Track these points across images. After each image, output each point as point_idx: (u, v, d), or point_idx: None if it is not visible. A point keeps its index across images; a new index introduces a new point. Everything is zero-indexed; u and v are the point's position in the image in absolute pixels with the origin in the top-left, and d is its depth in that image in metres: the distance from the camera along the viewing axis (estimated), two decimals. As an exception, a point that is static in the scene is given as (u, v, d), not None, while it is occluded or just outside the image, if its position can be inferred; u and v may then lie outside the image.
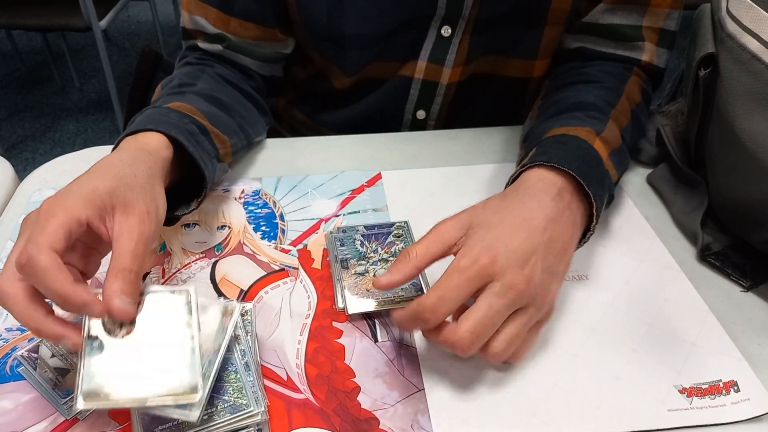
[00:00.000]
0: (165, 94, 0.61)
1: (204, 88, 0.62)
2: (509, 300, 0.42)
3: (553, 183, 0.49)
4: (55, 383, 0.43)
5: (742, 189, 0.53)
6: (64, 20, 1.87)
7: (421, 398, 0.44)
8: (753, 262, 0.55)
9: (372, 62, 0.69)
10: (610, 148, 0.56)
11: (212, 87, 0.64)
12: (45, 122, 2.34)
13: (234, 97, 0.66)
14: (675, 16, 0.65)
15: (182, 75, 0.64)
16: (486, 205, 0.47)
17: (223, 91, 0.64)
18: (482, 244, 0.43)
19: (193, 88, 0.62)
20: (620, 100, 0.61)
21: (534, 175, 0.50)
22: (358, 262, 0.52)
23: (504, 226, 0.44)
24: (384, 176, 0.65)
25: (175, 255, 0.55)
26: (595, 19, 0.66)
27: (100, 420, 0.42)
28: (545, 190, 0.48)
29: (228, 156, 0.61)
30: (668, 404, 0.44)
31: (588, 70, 0.66)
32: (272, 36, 0.68)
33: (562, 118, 0.58)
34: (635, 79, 0.66)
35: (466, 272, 0.42)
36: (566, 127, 0.56)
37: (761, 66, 0.47)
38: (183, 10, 0.67)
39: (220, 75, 0.66)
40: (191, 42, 0.68)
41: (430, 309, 0.41)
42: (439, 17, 0.64)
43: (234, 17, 0.65)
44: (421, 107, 0.74)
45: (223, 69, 0.67)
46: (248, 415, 0.40)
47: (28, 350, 0.45)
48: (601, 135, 0.55)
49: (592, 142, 0.54)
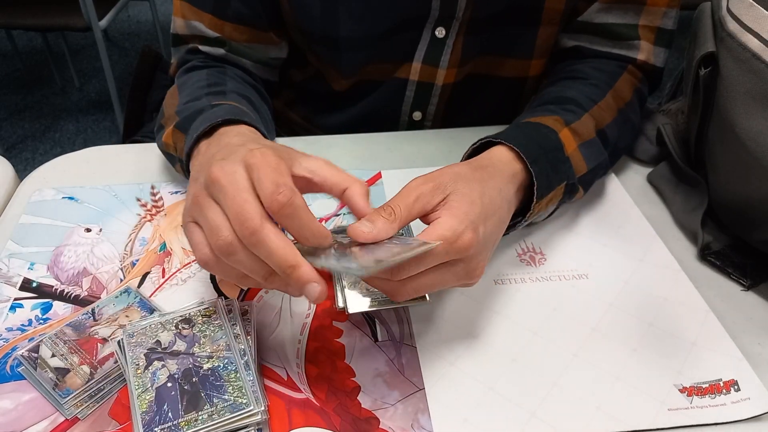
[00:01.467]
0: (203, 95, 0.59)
1: (233, 88, 0.62)
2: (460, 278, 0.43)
3: (516, 166, 0.50)
4: (55, 383, 0.43)
5: (743, 188, 0.53)
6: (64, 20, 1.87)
7: (422, 398, 0.44)
8: (753, 262, 0.55)
9: (368, 64, 0.69)
10: (581, 139, 0.56)
11: (239, 87, 0.63)
12: (45, 122, 2.34)
13: (257, 96, 0.65)
14: (672, 15, 0.65)
15: (209, 77, 0.63)
16: (460, 173, 0.46)
17: (248, 91, 0.64)
18: (468, 222, 0.42)
19: (223, 87, 0.61)
20: (605, 97, 0.61)
21: (499, 154, 0.51)
22: None
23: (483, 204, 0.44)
24: (384, 176, 0.65)
25: (175, 255, 0.55)
26: (591, 18, 0.66)
27: (100, 420, 0.42)
28: (512, 174, 0.50)
29: None
30: (668, 403, 0.44)
31: (579, 67, 0.66)
32: (266, 39, 0.68)
33: (535, 110, 0.59)
34: (628, 77, 0.65)
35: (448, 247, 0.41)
36: (535, 117, 0.57)
37: (761, 65, 0.47)
38: (175, 16, 0.66)
39: (238, 76, 0.66)
40: (190, 46, 0.67)
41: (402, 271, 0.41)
42: (432, 18, 0.64)
43: (228, 21, 0.64)
44: (417, 109, 0.74)
45: (230, 71, 0.67)
46: (248, 414, 0.40)
47: (29, 350, 0.45)
48: (571, 126, 0.56)
49: (557, 130, 0.55)
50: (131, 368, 0.43)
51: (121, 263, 0.54)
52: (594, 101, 0.60)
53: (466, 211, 0.42)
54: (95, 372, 0.44)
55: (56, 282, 0.52)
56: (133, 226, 0.58)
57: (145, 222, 0.59)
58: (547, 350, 0.48)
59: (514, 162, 0.50)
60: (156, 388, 0.41)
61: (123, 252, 0.55)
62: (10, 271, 0.53)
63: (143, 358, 0.43)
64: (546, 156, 0.52)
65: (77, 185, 0.63)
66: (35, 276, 0.53)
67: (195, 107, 0.55)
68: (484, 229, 0.43)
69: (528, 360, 0.47)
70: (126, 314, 0.49)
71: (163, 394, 0.41)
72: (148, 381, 0.42)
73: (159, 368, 0.43)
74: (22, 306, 0.50)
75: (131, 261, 0.54)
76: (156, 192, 0.62)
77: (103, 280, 0.52)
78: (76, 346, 0.46)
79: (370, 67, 0.69)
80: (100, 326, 0.47)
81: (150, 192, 0.62)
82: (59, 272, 0.53)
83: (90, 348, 0.46)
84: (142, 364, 0.43)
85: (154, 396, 0.41)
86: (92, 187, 0.63)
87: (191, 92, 0.60)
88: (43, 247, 0.55)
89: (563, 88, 0.63)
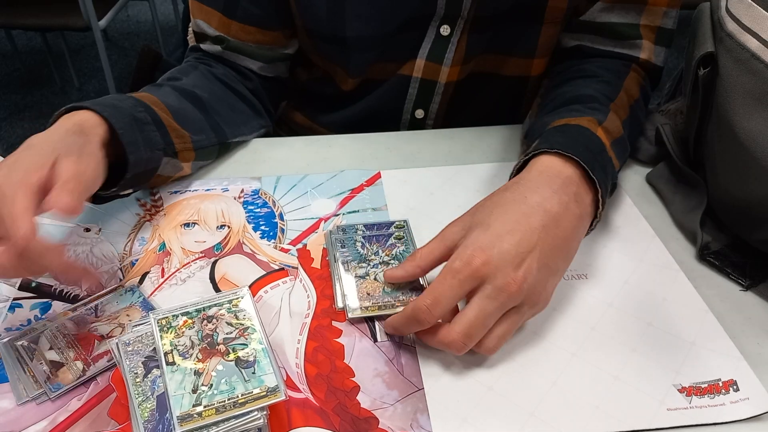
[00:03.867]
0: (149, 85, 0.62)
1: (186, 84, 0.63)
2: (500, 302, 0.42)
3: (559, 173, 0.48)
4: (47, 376, 0.43)
5: (742, 188, 0.53)
6: (63, 20, 1.87)
7: (421, 397, 0.44)
8: (752, 261, 0.55)
9: (374, 63, 0.69)
10: (612, 137, 0.56)
11: (197, 84, 0.64)
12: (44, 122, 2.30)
13: (219, 95, 0.66)
14: (672, 15, 0.65)
15: (175, 71, 0.66)
16: (485, 203, 0.47)
17: (207, 89, 0.65)
18: (476, 245, 0.43)
19: (175, 83, 0.63)
20: (619, 94, 0.61)
21: (538, 165, 0.49)
22: (358, 265, 0.52)
23: (500, 225, 0.44)
24: (383, 175, 0.65)
25: (174, 254, 0.55)
26: (593, 17, 0.66)
27: (99, 420, 0.42)
28: (549, 182, 0.48)
29: (188, 152, 0.61)
30: (667, 403, 0.44)
31: (586, 66, 0.66)
32: (274, 39, 0.68)
33: (561, 112, 0.58)
34: (634, 75, 0.66)
35: (458, 274, 0.42)
36: (567, 118, 0.56)
37: (761, 65, 0.47)
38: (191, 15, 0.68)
39: (213, 73, 0.67)
40: (193, 44, 0.69)
41: (425, 310, 0.42)
42: (438, 16, 0.64)
43: (235, 21, 0.65)
44: (419, 106, 0.74)
45: (219, 68, 0.68)
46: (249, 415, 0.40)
47: (28, 340, 0.45)
48: (603, 124, 0.55)
49: (594, 130, 0.54)
50: (130, 376, 0.42)
51: (121, 263, 0.54)
52: (611, 99, 0.60)
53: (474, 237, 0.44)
54: (87, 369, 0.44)
55: (55, 282, 0.52)
56: (133, 226, 0.58)
57: (144, 222, 0.59)
58: (547, 350, 0.48)
59: (557, 167, 0.49)
60: (157, 397, 0.41)
61: (122, 252, 0.55)
62: (9, 271, 0.53)
63: (141, 366, 0.43)
64: (596, 159, 0.50)
65: (77, 185, 0.63)
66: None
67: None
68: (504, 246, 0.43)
69: (527, 360, 0.47)
70: (127, 313, 0.49)
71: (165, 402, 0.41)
72: (148, 389, 0.42)
73: (159, 376, 0.42)
74: (21, 306, 0.50)
75: (130, 261, 0.54)
76: (155, 192, 0.62)
77: (103, 280, 0.52)
78: (75, 340, 0.46)
79: (376, 66, 0.69)
80: (101, 323, 0.47)
81: (149, 192, 0.62)
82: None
83: (87, 344, 0.46)
84: (140, 372, 0.43)
85: (155, 404, 0.41)
86: (92, 187, 0.63)
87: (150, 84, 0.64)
88: (43, 247, 0.55)
89: (579, 86, 0.62)
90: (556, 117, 0.57)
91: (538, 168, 0.49)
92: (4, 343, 0.45)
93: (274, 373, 0.41)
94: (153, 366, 0.43)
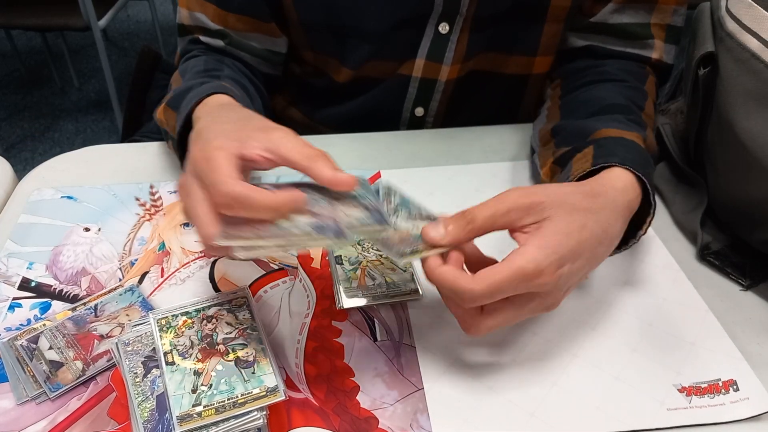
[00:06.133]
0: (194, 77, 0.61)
1: (231, 75, 0.63)
2: (535, 313, 0.42)
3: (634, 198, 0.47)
4: (47, 376, 0.43)
5: (742, 188, 0.53)
6: (63, 20, 1.87)
7: (421, 397, 0.44)
8: (752, 261, 0.55)
9: (371, 60, 0.69)
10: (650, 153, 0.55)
11: (235, 75, 0.64)
12: (44, 122, 2.33)
13: (252, 87, 0.66)
14: (681, 12, 0.65)
15: (204, 62, 0.65)
16: (566, 199, 0.43)
17: (244, 80, 0.65)
18: (555, 258, 0.40)
19: (223, 73, 0.63)
20: (647, 102, 0.61)
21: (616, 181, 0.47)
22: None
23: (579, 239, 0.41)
24: (383, 175, 0.65)
25: (174, 254, 0.55)
26: (605, 19, 0.66)
27: (99, 420, 0.42)
28: (624, 209, 0.46)
29: None
30: (668, 403, 0.44)
31: (607, 68, 0.65)
32: (268, 30, 0.68)
33: (603, 120, 0.56)
34: (652, 79, 0.66)
35: (527, 281, 0.39)
36: (614, 129, 0.54)
37: (761, 65, 0.47)
38: (181, 6, 0.67)
39: (236, 66, 0.67)
40: (193, 36, 0.68)
41: (476, 298, 0.39)
42: (436, 14, 0.64)
43: (231, 12, 0.65)
44: (419, 104, 0.73)
45: (233, 61, 0.68)
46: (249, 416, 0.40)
47: (28, 339, 0.45)
48: (646, 142, 0.54)
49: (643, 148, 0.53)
50: (129, 376, 0.42)
51: (120, 263, 0.54)
52: (641, 108, 0.60)
53: (557, 244, 0.40)
54: (87, 369, 0.44)
55: (55, 281, 0.52)
56: (132, 226, 0.58)
57: (144, 221, 0.58)
58: (547, 350, 0.48)
59: (631, 189, 0.47)
60: (156, 396, 0.41)
61: (122, 251, 0.55)
62: (8, 271, 0.53)
63: (141, 366, 0.43)
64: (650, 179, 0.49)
65: (76, 185, 0.63)
66: (34, 275, 0.52)
67: (186, 86, 0.57)
68: (572, 266, 0.41)
69: (528, 360, 0.47)
70: (126, 313, 0.49)
71: (164, 402, 0.41)
72: (147, 389, 0.42)
73: (158, 376, 0.42)
74: (21, 306, 0.50)
75: (130, 260, 0.54)
76: (155, 191, 0.62)
77: (102, 280, 0.52)
78: (74, 340, 0.46)
79: (374, 63, 0.69)
80: (100, 322, 0.47)
81: (149, 191, 0.62)
82: (58, 272, 0.53)
83: (86, 344, 0.46)
84: (140, 372, 0.43)
85: (155, 404, 0.41)
86: (91, 187, 0.63)
87: (191, 77, 0.61)
88: (42, 247, 0.55)
89: (608, 92, 0.61)
90: (600, 125, 0.55)
91: (616, 186, 0.47)
92: (4, 342, 0.45)
93: (273, 373, 0.41)
94: (152, 366, 0.43)
